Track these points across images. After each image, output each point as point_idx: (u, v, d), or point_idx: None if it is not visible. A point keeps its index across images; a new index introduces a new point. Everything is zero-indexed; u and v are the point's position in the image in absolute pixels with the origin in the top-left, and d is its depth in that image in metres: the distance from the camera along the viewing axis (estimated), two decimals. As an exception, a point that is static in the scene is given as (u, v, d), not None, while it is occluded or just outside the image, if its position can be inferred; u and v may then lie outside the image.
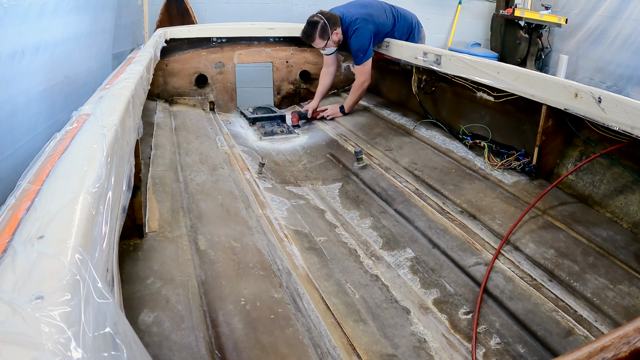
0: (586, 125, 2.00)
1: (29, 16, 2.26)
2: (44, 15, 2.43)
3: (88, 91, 3.04)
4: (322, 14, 3.29)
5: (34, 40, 2.36)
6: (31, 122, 2.35)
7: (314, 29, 3.25)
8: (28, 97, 2.31)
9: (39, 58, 2.40)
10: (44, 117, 2.48)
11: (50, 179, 0.92)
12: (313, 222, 2.07)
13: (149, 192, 1.89)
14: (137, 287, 1.30)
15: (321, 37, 3.27)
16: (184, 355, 1.10)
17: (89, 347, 0.55)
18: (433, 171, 2.38)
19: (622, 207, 1.83)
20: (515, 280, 1.60)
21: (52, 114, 2.57)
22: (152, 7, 5.11)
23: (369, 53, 3.29)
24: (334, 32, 3.27)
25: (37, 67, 2.39)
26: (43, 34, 2.44)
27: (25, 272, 0.62)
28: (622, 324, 1.02)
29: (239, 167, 2.49)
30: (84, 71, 3.06)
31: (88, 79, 3.09)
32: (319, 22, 3.24)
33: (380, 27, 3.33)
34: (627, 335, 0.64)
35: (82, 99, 2.96)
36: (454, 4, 6.35)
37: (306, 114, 3.46)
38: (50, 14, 2.49)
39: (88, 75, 3.11)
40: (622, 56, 5.05)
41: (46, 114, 2.50)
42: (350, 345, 1.34)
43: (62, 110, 2.67)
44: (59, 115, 2.63)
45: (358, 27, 3.24)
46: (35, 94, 2.38)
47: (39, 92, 2.42)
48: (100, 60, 3.40)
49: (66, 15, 2.72)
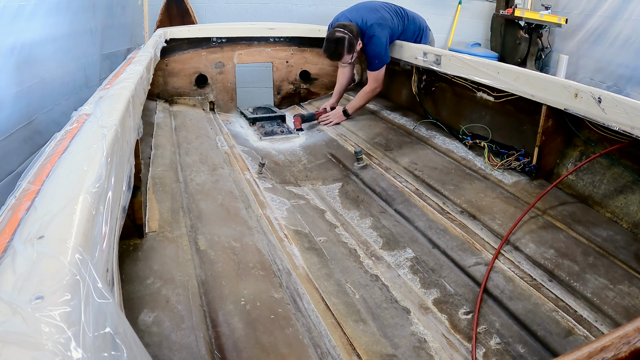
0: (586, 125, 2.00)
1: (2, 18, 2.29)
2: (20, 18, 2.45)
3: (66, 92, 3.07)
4: (343, 27, 3.10)
5: (9, 43, 2.38)
6: (3, 123, 2.37)
7: (342, 47, 3.09)
8: (1, 99, 2.33)
9: (13, 60, 2.42)
10: (18, 118, 2.49)
11: (50, 179, 0.92)
12: (313, 222, 2.07)
13: (149, 192, 1.89)
14: (137, 287, 1.30)
15: (349, 52, 3.13)
16: (184, 355, 1.10)
17: (89, 347, 0.55)
18: (433, 171, 2.38)
19: (622, 207, 1.83)
20: (515, 280, 1.60)
21: (27, 115, 2.59)
22: (152, 7, 5.11)
23: (386, 60, 3.20)
24: (358, 43, 3.15)
25: (10, 68, 2.41)
26: (18, 35, 2.45)
27: (25, 272, 0.62)
28: (622, 324, 1.02)
29: (239, 167, 2.49)
30: (62, 73, 3.06)
31: (66, 79, 3.10)
32: (345, 37, 3.07)
33: (394, 31, 3.23)
34: (627, 335, 0.64)
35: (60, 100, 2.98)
36: (454, 4, 6.35)
37: (309, 116, 3.38)
38: (27, 16, 2.51)
39: (66, 76, 3.11)
40: (622, 56, 5.05)
41: (20, 115, 2.51)
42: (350, 345, 1.34)
43: (37, 111, 2.69)
44: (35, 116, 2.65)
45: (375, 34, 3.13)
46: (8, 95, 2.39)
47: (13, 94, 2.43)
48: (82, 61, 3.39)
49: (44, 17, 2.73)
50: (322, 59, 3.99)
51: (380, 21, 3.17)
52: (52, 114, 2.86)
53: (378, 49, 3.16)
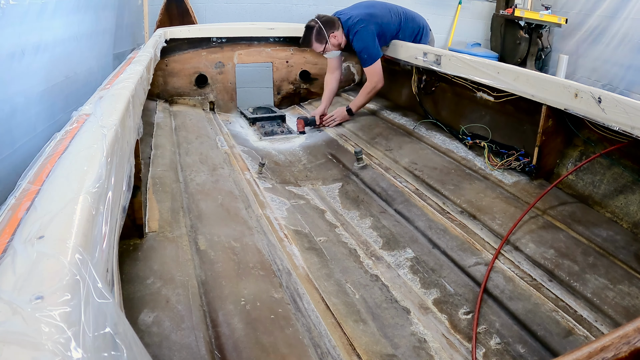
0: (586, 125, 2.00)
1: (28, 16, 2.26)
2: (44, 15, 2.42)
3: (89, 91, 3.05)
4: (318, 18, 3.24)
5: (34, 41, 2.36)
6: (30, 122, 2.36)
7: (310, 34, 3.22)
8: (27, 98, 2.31)
9: (38, 58, 2.40)
10: (44, 117, 2.48)
11: (50, 179, 0.92)
12: (313, 222, 2.07)
13: (149, 192, 1.89)
14: (137, 287, 1.30)
15: (318, 41, 3.22)
16: (184, 355, 1.10)
17: (89, 347, 0.55)
18: (433, 171, 2.38)
19: (622, 207, 1.83)
20: (515, 280, 1.60)
21: (52, 115, 2.57)
22: (152, 7, 5.11)
23: (375, 53, 3.20)
24: (331, 35, 3.19)
25: (36, 67, 2.39)
26: (43, 34, 2.43)
27: (25, 272, 0.62)
28: (622, 324, 1.02)
29: (239, 167, 2.49)
30: (85, 71, 3.06)
31: (89, 79, 3.09)
32: (314, 26, 3.20)
33: (384, 28, 3.25)
34: (627, 335, 0.64)
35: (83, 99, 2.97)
36: (454, 4, 6.35)
37: (312, 120, 3.35)
38: (50, 13, 2.48)
39: (89, 75, 3.11)
40: (621, 56, 5.05)
41: (46, 114, 2.50)
42: (350, 345, 1.34)
43: (62, 110, 2.67)
44: (59, 115, 2.63)
45: (359, 29, 3.16)
46: (34, 94, 2.38)
47: (39, 93, 2.42)
48: (101, 60, 3.39)
49: (67, 15, 2.71)
50: (322, 59, 3.99)
51: (367, 17, 3.20)
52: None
53: (363, 44, 3.18)
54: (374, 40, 3.21)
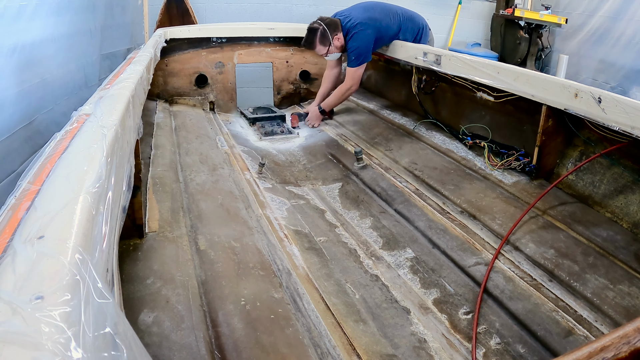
0: (586, 125, 2.00)
1: (4, 19, 2.28)
2: (21, 18, 2.45)
3: (66, 92, 3.07)
4: (321, 20, 3.24)
5: (10, 43, 2.37)
6: (5, 123, 2.37)
7: (314, 36, 3.22)
8: (2, 99, 2.33)
9: (14, 60, 2.42)
10: (19, 118, 2.50)
11: (50, 179, 0.92)
12: (313, 222, 2.07)
13: (149, 192, 1.89)
14: (137, 287, 1.30)
15: (322, 43, 3.23)
16: (184, 355, 1.10)
17: (89, 347, 0.55)
18: (433, 171, 2.38)
19: (622, 207, 1.83)
20: (515, 280, 1.60)
21: (28, 115, 2.59)
22: (152, 7, 5.11)
23: (365, 58, 3.24)
24: (335, 37, 3.21)
25: (11, 69, 2.41)
26: (19, 36, 2.45)
27: (25, 272, 0.62)
28: (622, 324, 1.02)
29: (239, 167, 2.49)
30: (63, 73, 3.06)
31: (66, 79, 3.10)
32: (318, 28, 3.20)
33: (383, 31, 3.25)
34: (627, 335, 0.64)
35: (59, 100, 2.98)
36: (454, 4, 6.35)
37: (306, 116, 3.44)
38: (28, 16, 2.51)
39: (66, 75, 3.12)
40: (623, 56, 5.05)
41: (21, 115, 2.52)
42: (350, 345, 1.34)
43: (38, 111, 2.69)
44: (35, 116, 2.65)
45: (357, 31, 3.18)
46: (9, 95, 2.39)
47: (14, 94, 2.43)
48: (82, 60, 3.39)
49: (45, 17, 2.73)
50: (322, 59, 3.99)
51: (367, 20, 3.21)
52: (52, 114, 2.86)
53: (357, 45, 3.20)
54: (369, 45, 3.23)
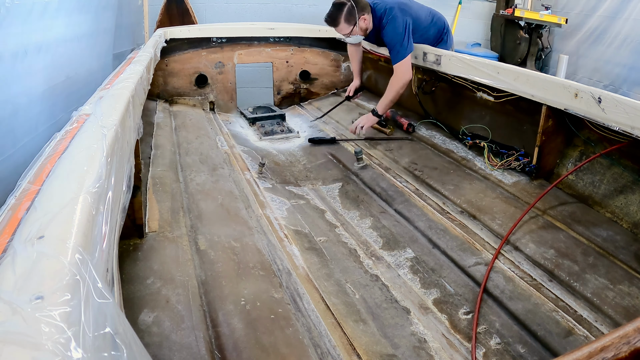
0: (586, 125, 2.00)
1: (31, 16, 2.26)
2: (47, 15, 2.42)
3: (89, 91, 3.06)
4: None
5: (36, 40, 2.36)
6: (32, 122, 2.36)
7: (340, 12, 2.85)
8: (29, 97, 2.32)
9: (41, 58, 2.40)
10: (45, 117, 2.49)
11: (50, 179, 0.92)
12: (313, 222, 2.07)
13: (149, 192, 1.89)
14: (137, 287, 1.30)
15: (347, 21, 2.86)
16: (184, 355, 1.10)
17: (89, 347, 0.55)
18: (433, 171, 2.38)
19: (622, 207, 1.83)
20: (515, 280, 1.60)
21: (53, 114, 2.58)
22: (152, 7, 5.12)
23: (409, 47, 2.85)
24: (362, 17, 2.86)
25: (39, 67, 2.39)
26: (45, 33, 2.43)
27: (25, 272, 0.62)
28: (622, 324, 1.02)
29: (239, 167, 2.49)
30: (86, 71, 3.06)
31: (89, 79, 3.10)
32: (346, 4, 2.84)
33: (416, 24, 2.93)
34: (627, 335, 0.64)
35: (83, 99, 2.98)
36: (454, 4, 6.35)
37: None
38: (53, 13, 2.49)
39: (89, 75, 3.12)
40: (623, 56, 5.05)
41: (47, 114, 2.51)
42: (350, 345, 1.34)
43: (63, 110, 2.68)
44: (60, 115, 2.64)
45: (394, 16, 2.83)
46: (36, 94, 2.38)
47: (41, 93, 2.42)
48: (102, 60, 3.40)
49: (69, 15, 2.71)
50: (322, 59, 3.99)
51: (404, 7, 2.90)
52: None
53: (398, 32, 2.83)
54: (408, 32, 2.85)
